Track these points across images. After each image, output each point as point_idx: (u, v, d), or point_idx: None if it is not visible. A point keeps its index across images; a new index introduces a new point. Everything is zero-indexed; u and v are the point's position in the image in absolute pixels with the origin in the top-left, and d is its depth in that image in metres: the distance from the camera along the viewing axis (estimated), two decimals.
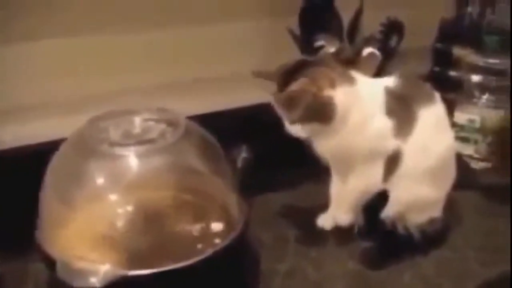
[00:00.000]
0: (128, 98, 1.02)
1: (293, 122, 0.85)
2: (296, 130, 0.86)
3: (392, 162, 0.88)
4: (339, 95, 0.83)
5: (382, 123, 0.86)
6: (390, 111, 0.86)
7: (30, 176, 0.78)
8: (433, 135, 0.89)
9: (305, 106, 0.81)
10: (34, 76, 0.99)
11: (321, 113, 0.83)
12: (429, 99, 0.90)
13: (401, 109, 0.87)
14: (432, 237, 0.92)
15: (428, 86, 0.93)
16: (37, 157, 0.80)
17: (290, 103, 0.83)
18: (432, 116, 0.89)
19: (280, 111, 0.86)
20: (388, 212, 0.90)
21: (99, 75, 1.03)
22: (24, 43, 0.96)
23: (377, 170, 0.88)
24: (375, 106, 0.86)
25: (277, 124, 1.14)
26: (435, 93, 0.92)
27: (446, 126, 0.93)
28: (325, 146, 0.89)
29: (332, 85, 0.83)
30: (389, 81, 0.90)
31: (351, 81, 0.86)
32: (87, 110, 0.86)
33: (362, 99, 0.85)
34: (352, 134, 0.85)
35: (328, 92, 0.82)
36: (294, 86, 0.82)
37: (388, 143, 0.87)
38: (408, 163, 0.87)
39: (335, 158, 0.91)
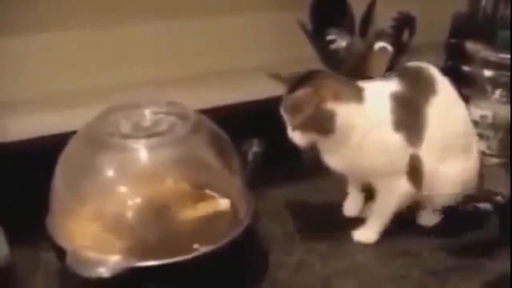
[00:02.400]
0: (137, 91, 1.03)
1: (293, 127, 0.86)
2: (296, 136, 0.86)
3: (415, 168, 0.87)
4: (342, 109, 0.83)
5: (391, 139, 0.86)
6: (398, 123, 0.85)
7: (41, 167, 0.79)
8: (446, 121, 0.88)
9: (306, 114, 0.83)
10: (43, 69, 0.99)
11: (321, 124, 0.84)
12: (432, 90, 0.88)
13: (409, 116, 0.86)
14: None
15: (428, 71, 0.90)
16: (48, 149, 0.81)
17: (293, 108, 0.84)
18: (440, 105, 0.87)
19: (283, 114, 0.87)
20: None
21: (108, 68, 1.04)
22: (32, 35, 0.97)
23: (402, 185, 0.88)
24: (381, 122, 0.85)
25: None
26: (436, 77, 0.89)
27: (455, 104, 0.91)
28: (331, 159, 0.89)
29: (336, 98, 0.83)
30: (393, 84, 0.88)
31: (358, 97, 0.85)
32: (96, 103, 0.86)
33: (368, 116, 0.85)
34: (357, 151, 0.85)
35: (330, 105, 0.82)
36: (298, 93, 0.83)
37: (403, 156, 0.87)
38: (430, 160, 0.87)
39: (345, 172, 0.92)
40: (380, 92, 0.87)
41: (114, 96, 0.94)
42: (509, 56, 1.15)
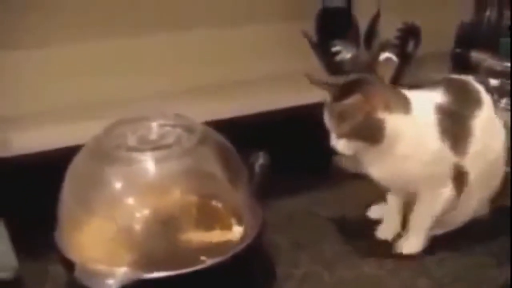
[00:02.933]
0: (142, 104, 1.04)
1: (339, 136, 0.84)
2: (341, 145, 0.84)
3: (460, 177, 0.88)
4: (392, 120, 0.82)
5: (437, 149, 0.85)
6: (444, 133, 0.85)
7: (48, 181, 0.80)
8: (489, 136, 0.89)
9: (355, 122, 0.81)
10: (46, 82, 1.00)
11: (370, 133, 0.83)
12: (478, 104, 0.89)
13: (455, 126, 0.86)
14: None
15: (473, 87, 0.91)
16: (54, 163, 0.82)
17: (341, 116, 0.82)
18: (484, 120, 0.88)
19: (328, 122, 0.85)
20: None
21: (113, 81, 1.05)
22: (35, 49, 0.97)
23: (446, 191, 0.88)
24: (427, 131, 0.85)
25: (294, 129, 1.16)
26: (481, 93, 0.91)
27: (496, 120, 0.92)
28: (374, 170, 0.88)
29: (387, 108, 0.82)
30: (438, 95, 0.88)
31: (406, 106, 0.84)
32: (101, 116, 0.87)
33: (415, 126, 0.84)
34: (402, 160, 0.85)
35: (381, 115, 0.82)
36: (349, 101, 0.81)
37: (448, 164, 0.86)
38: (473, 173, 0.88)
39: (388, 183, 0.91)
40: (426, 102, 0.87)
41: (119, 109, 0.95)
42: None
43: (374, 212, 1.00)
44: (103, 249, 0.76)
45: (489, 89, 1.19)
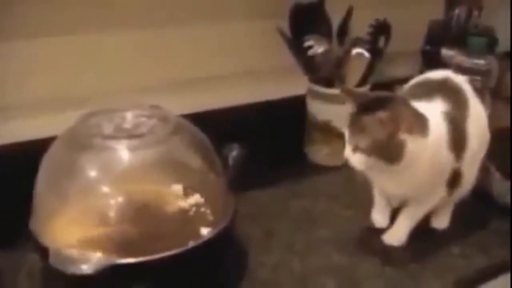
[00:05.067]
0: (120, 97, 1.05)
1: (356, 149, 0.83)
2: (355, 158, 0.83)
3: (456, 179, 0.90)
4: (412, 142, 0.81)
5: (447, 160, 0.87)
6: (451, 143, 0.87)
7: (26, 170, 0.80)
8: (478, 131, 0.91)
9: (377, 139, 0.80)
10: (23, 75, 1.00)
11: (389, 152, 0.81)
12: (467, 105, 0.91)
13: (456, 133, 0.87)
14: None
15: (461, 87, 0.93)
16: (32, 153, 0.82)
17: (364, 129, 0.81)
18: (474, 117, 0.90)
19: (349, 133, 0.84)
20: None
21: (90, 74, 1.05)
22: (13, 42, 0.97)
23: (440, 193, 0.91)
24: (441, 147, 0.86)
25: (269, 122, 1.18)
26: (467, 92, 0.92)
27: (482, 111, 0.94)
28: (386, 184, 0.90)
29: (409, 130, 0.81)
30: (439, 104, 0.89)
31: (425, 129, 0.83)
32: (84, 108, 0.87)
33: (432, 147, 0.84)
34: (416, 179, 0.86)
35: (402, 136, 0.81)
36: (377, 115, 0.80)
37: (449, 171, 0.88)
38: (467, 168, 0.91)
39: (398, 195, 0.93)
40: (435, 116, 0.86)
41: (99, 101, 0.95)
42: (480, 61, 1.19)
43: (377, 221, 1.00)
44: (77, 236, 0.77)
45: None
